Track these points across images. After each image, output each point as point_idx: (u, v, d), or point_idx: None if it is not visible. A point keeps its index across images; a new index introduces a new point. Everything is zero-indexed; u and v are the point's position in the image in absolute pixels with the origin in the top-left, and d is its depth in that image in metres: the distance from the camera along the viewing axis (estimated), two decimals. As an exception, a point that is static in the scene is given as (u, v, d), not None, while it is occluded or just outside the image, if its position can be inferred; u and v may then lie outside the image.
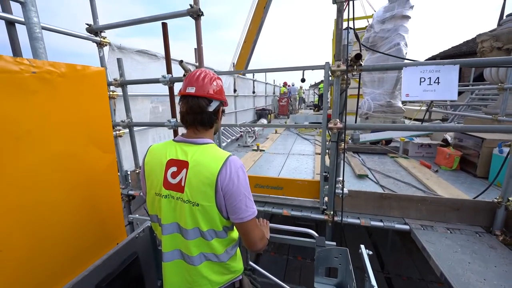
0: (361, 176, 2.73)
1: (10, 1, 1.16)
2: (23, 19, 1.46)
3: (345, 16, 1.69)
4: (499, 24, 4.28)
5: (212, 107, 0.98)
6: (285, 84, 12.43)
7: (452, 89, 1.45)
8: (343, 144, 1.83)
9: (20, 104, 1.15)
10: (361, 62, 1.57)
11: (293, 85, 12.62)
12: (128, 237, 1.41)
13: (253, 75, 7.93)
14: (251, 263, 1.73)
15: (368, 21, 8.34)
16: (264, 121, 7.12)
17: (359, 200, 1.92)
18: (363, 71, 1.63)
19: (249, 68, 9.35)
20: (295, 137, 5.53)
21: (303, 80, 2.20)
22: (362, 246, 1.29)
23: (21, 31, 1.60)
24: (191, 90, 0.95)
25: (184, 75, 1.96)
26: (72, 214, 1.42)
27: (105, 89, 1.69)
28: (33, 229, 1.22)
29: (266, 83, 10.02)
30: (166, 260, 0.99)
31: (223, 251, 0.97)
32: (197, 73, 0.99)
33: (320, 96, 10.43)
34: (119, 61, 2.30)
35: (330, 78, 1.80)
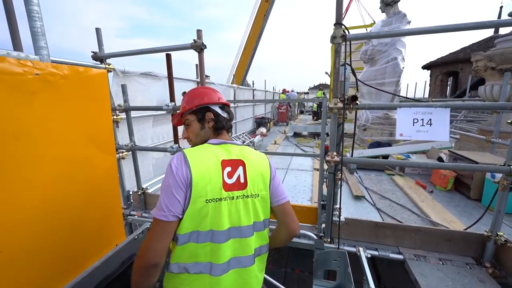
0: (358, 197, 2.80)
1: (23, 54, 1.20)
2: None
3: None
4: (494, 39, 4.37)
5: None
6: (284, 91, 12.53)
7: (444, 130, 1.52)
8: (340, 175, 1.91)
9: (23, 106, 1.14)
10: (357, 102, 1.64)
11: (292, 91, 12.72)
12: (127, 238, 1.40)
13: (253, 84, 8.01)
14: None
15: (366, 30, 8.44)
16: (263, 129, 7.18)
17: (355, 229, 1.99)
18: (359, 109, 1.70)
19: (248, 75, 9.42)
20: (294, 148, 5.58)
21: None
22: (361, 249, 1.33)
23: (22, 28, 1.46)
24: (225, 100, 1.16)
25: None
26: (72, 215, 1.40)
27: (107, 91, 1.67)
28: (33, 230, 1.21)
29: (265, 91, 10.11)
30: (222, 273, 0.91)
31: (268, 239, 1.09)
32: (212, 89, 1.17)
33: (319, 105, 10.51)
34: (123, 87, 2.36)
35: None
